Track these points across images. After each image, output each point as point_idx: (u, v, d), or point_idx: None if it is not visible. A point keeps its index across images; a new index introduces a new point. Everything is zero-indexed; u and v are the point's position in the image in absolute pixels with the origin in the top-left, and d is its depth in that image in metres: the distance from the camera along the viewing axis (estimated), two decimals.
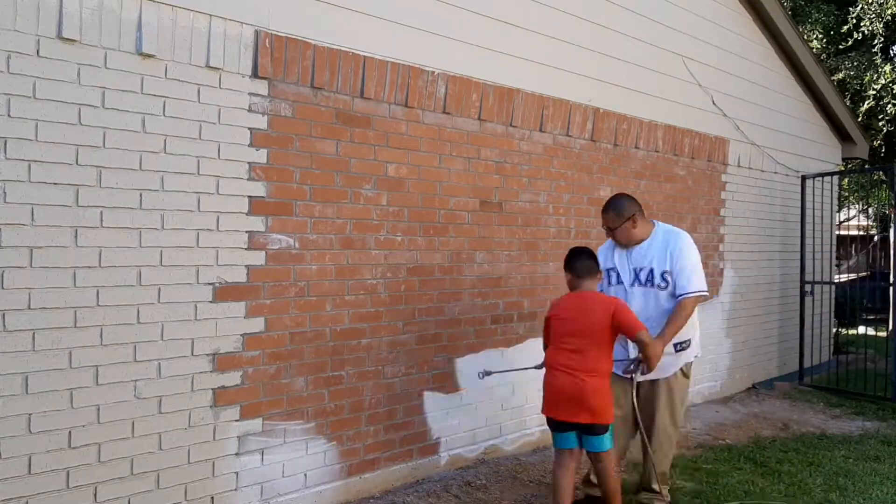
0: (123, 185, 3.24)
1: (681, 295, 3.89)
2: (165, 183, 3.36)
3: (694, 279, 3.91)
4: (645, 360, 3.65)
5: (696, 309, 4.02)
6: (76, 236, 3.12)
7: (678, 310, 3.87)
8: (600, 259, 4.08)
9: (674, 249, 3.93)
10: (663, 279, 3.93)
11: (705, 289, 3.98)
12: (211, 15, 3.46)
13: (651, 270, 3.96)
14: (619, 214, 3.97)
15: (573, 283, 3.76)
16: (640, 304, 3.96)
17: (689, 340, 4.06)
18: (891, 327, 8.98)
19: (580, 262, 3.75)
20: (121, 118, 3.22)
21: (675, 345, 3.96)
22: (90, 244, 3.16)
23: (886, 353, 7.58)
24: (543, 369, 3.82)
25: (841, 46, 12.15)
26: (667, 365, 3.94)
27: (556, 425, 3.67)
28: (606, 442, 3.62)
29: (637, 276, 4.00)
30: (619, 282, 4.06)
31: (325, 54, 3.91)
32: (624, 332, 3.60)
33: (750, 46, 7.39)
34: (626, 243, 4.03)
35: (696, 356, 4.18)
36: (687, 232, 4.12)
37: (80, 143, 3.11)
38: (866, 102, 11.59)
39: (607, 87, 5.69)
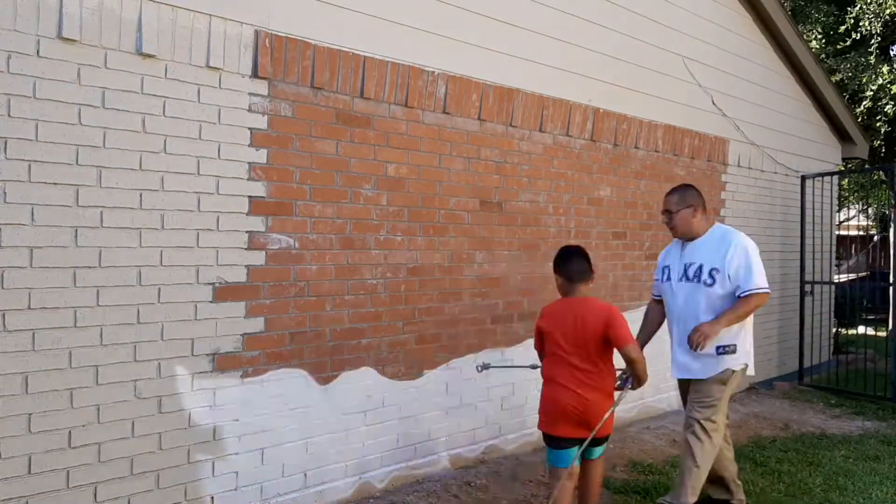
0: (123, 185, 3.24)
1: (744, 292, 3.78)
2: (165, 183, 3.37)
3: (755, 277, 3.78)
4: (634, 376, 3.52)
5: (750, 318, 3.90)
6: (76, 236, 3.12)
7: (739, 304, 3.78)
8: (660, 257, 4.18)
9: (729, 248, 3.83)
10: (711, 276, 3.83)
11: (767, 286, 3.83)
12: (211, 15, 3.47)
13: (700, 266, 3.88)
14: (682, 199, 3.96)
15: (565, 287, 3.54)
16: (683, 301, 3.91)
17: (735, 346, 3.85)
18: (891, 327, 8.99)
19: (573, 264, 3.52)
20: (121, 118, 3.22)
21: (718, 347, 3.82)
22: (90, 244, 3.16)
23: (886, 353, 7.59)
24: (537, 370, 3.76)
25: (839, 46, 12.14)
26: (704, 366, 3.86)
27: (555, 442, 3.44)
28: (603, 448, 3.59)
29: (686, 272, 3.94)
30: (668, 278, 4.03)
31: (325, 54, 3.91)
32: (613, 344, 3.40)
33: (750, 46, 7.39)
34: (684, 234, 3.98)
35: (744, 366, 3.91)
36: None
37: (80, 143, 3.11)
38: (864, 103, 11.59)
39: (607, 86, 5.70)
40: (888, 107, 11.37)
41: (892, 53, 11.89)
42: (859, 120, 10.59)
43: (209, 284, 3.53)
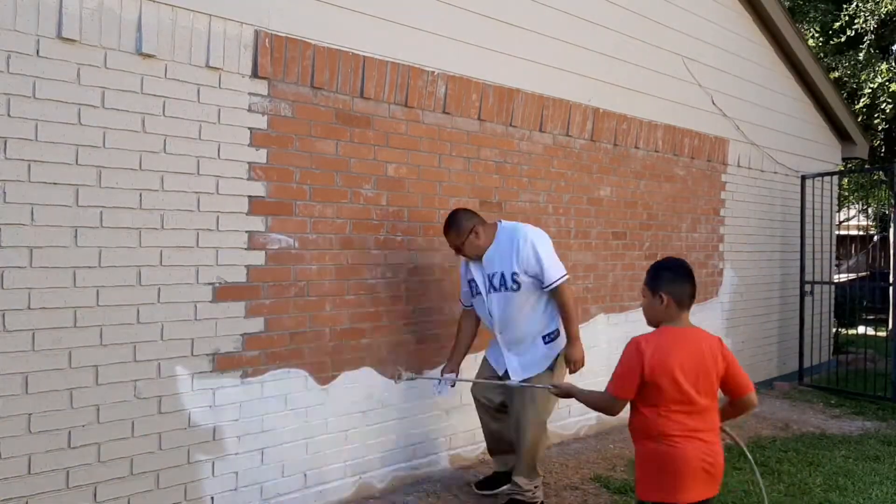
0: (123, 185, 3.24)
1: (550, 286, 3.89)
2: (165, 183, 3.36)
3: (550, 269, 3.88)
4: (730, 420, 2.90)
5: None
6: (76, 236, 3.12)
7: (562, 302, 3.92)
8: (462, 269, 4.17)
9: (517, 247, 3.87)
10: (514, 281, 3.89)
11: (565, 271, 3.95)
12: (211, 15, 3.46)
13: (501, 274, 3.92)
14: (460, 232, 3.94)
15: (669, 313, 2.71)
16: (500, 310, 3.97)
17: (557, 330, 4.01)
18: (891, 327, 8.99)
19: (687, 284, 2.72)
20: (121, 118, 3.22)
21: (544, 336, 3.99)
22: (90, 244, 3.16)
23: (886, 353, 7.59)
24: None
25: (833, 42, 12.13)
26: (538, 360, 3.98)
27: None
28: None
29: (491, 283, 3.97)
30: (478, 291, 4.04)
31: (325, 54, 3.91)
32: (731, 390, 2.77)
33: (749, 46, 7.39)
34: (478, 255, 3.99)
35: (563, 346, 4.01)
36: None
37: (79, 142, 3.11)
38: (861, 101, 11.58)
39: (607, 86, 5.70)
40: (886, 105, 11.36)
41: (891, 52, 11.87)
42: (858, 118, 10.58)
43: (209, 284, 3.53)
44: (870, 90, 11.37)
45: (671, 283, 2.70)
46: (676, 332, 2.70)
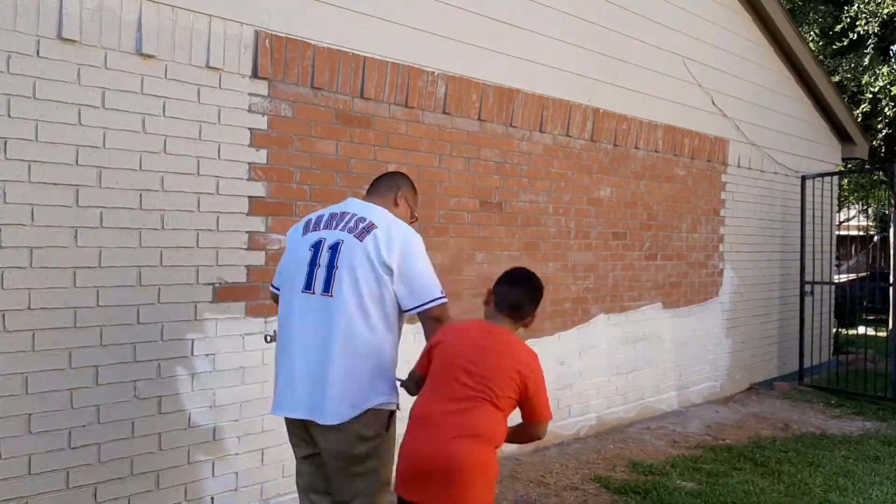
0: (124, 186, 3.24)
1: None
2: (165, 183, 3.37)
3: None
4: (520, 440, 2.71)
5: None
6: (76, 236, 3.12)
7: None
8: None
9: None
10: None
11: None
12: (211, 15, 3.47)
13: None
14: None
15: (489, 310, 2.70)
16: None
17: None
18: (891, 327, 8.99)
19: (512, 291, 2.66)
20: (121, 118, 3.22)
21: None
22: (90, 244, 3.16)
23: (886, 353, 7.59)
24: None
25: (836, 46, 12.12)
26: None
27: None
28: None
29: None
30: None
31: (325, 54, 3.91)
32: (526, 413, 2.57)
33: (750, 47, 7.39)
34: None
35: None
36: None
37: (80, 143, 3.11)
38: (863, 104, 11.57)
39: (607, 87, 5.69)
40: (887, 109, 11.35)
41: (891, 53, 11.85)
42: (859, 120, 10.57)
43: (209, 285, 3.53)
44: (871, 94, 11.36)
45: (500, 284, 2.71)
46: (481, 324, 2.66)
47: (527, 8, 5.01)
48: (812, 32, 12.56)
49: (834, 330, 9.25)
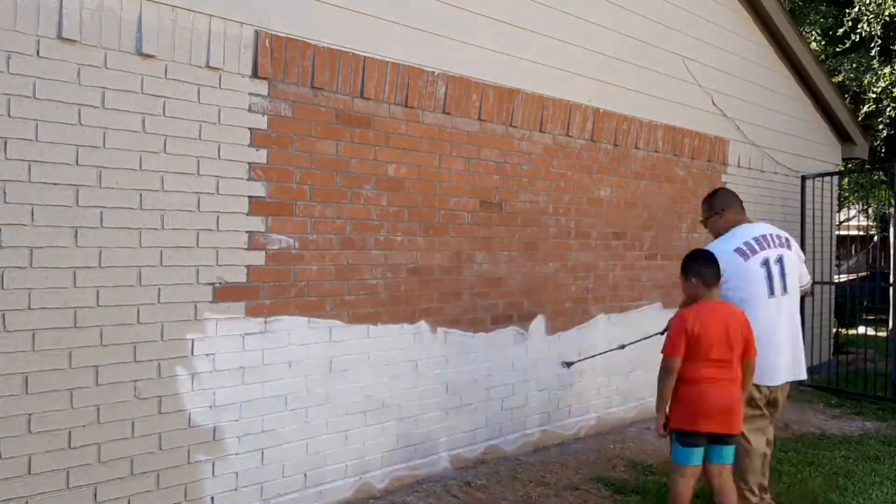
0: (123, 186, 3.24)
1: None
2: (165, 183, 3.36)
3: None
4: (746, 382, 3.62)
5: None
6: (76, 236, 3.12)
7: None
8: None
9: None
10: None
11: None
12: (211, 15, 3.46)
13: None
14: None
15: (699, 290, 3.57)
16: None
17: None
18: (891, 327, 8.99)
19: (711, 267, 3.57)
20: (121, 118, 3.22)
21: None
22: (90, 244, 3.16)
23: (887, 353, 7.59)
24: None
25: (839, 48, 12.10)
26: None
27: (704, 439, 3.50)
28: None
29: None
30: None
31: (325, 54, 3.91)
32: (747, 352, 3.53)
33: (750, 47, 7.39)
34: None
35: None
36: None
37: (80, 143, 3.11)
38: (866, 105, 11.55)
39: (607, 87, 5.69)
40: (889, 109, 11.33)
41: (894, 54, 11.83)
42: (860, 121, 10.56)
43: (209, 285, 3.53)
44: (874, 94, 11.34)
45: (698, 267, 3.57)
46: (708, 304, 3.52)
47: (527, 8, 5.00)
48: (814, 32, 12.55)
49: (834, 330, 9.25)
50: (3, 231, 2.94)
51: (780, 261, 3.82)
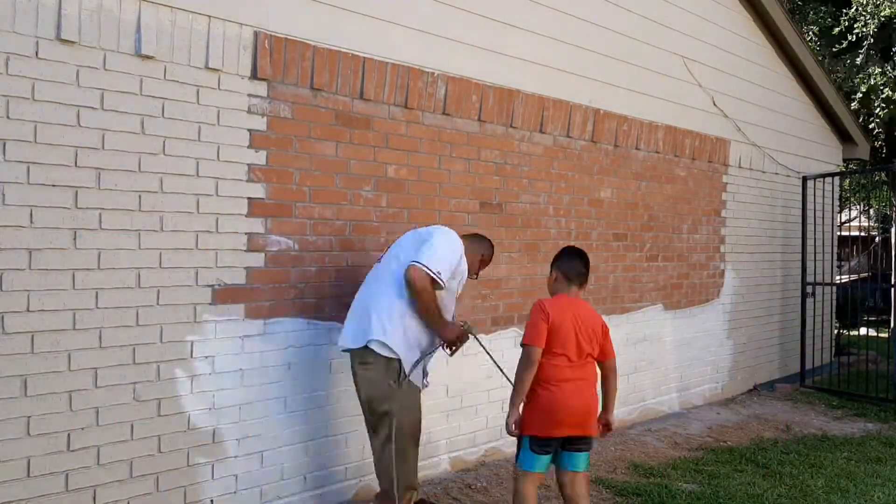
0: (122, 187, 3.23)
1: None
2: (164, 184, 3.36)
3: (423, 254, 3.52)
4: (608, 390, 3.58)
5: None
6: (75, 238, 3.11)
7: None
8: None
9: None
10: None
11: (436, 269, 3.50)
12: (210, 16, 3.46)
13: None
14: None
15: (560, 286, 3.48)
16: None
17: None
18: (892, 328, 8.96)
19: (576, 264, 3.49)
20: (120, 120, 3.21)
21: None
22: (89, 246, 3.15)
23: (888, 355, 7.57)
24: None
25: (835, 48, 12.09)
26: None
27: (557, 443, 3.34)
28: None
29: None
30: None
31: (325, 55, 3.90)
32: (601, 354, 3.46)
33: (751, 47, 7.39)
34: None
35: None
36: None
37: (79, 144, 3.10)
38: (853, 103, 11.56)
39: (608, 87, 5.69)
40: (879, 109, 11.32)
41: (891, 53, 11.81)
42: (859, 120, 10.56)
43: (209, 286, 3.52)
44: (862, 94, 11.34)
45: (563, 262, 3.52)
46: (565, 299, 3.44)
47: (527, 8, 5.00)
48: (811, 33, 12.54)
49: (835, 331, 9.23)
50: (2, 233, 2.93)
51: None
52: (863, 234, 15.98)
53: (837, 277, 9.76)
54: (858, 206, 16.32)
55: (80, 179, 3.11)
